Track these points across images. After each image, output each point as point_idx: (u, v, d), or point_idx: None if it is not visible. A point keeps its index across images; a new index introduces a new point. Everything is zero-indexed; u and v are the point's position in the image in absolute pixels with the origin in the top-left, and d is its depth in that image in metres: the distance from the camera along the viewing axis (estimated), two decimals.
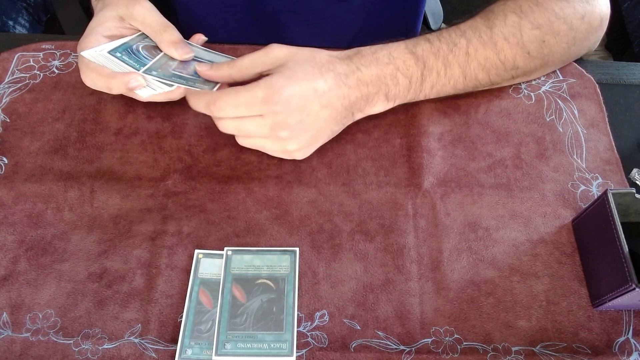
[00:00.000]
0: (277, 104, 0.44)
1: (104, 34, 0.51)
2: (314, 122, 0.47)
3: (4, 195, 0.51)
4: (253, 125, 0.46)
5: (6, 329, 0.44)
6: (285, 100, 0.44)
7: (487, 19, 0.51)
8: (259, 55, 0.48)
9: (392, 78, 0.48)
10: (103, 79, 0.49)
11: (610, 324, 0.44)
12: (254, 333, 0.43)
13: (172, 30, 0.52)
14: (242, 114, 0.46)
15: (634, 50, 1.55)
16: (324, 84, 0.46)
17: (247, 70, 0.48)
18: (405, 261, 0.47)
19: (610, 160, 0.52)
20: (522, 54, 0.51)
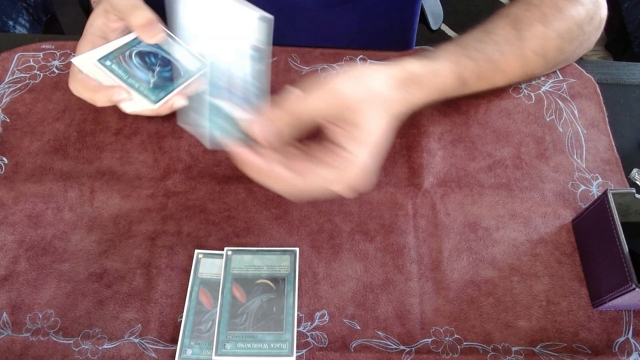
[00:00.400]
0: (358, 186, 0.42)
1: (96, 34, 0.51)
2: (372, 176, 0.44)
3: (4, 195, 0.51)
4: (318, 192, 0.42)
5: (6, 329, 0.44)
6: (363, 179, 0.41)
7: (517, 30, 0.50)
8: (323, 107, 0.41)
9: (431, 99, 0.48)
10: (88, 91, 0.48)
11: (610, 324, 0.44)
12: (254, 333, 0.43)
13: (141, 11, 0.49)
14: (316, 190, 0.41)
15: (634, 50, 1.55)
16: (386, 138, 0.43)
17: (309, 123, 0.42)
18: (405, 261, 0.47)
19: (610, 160, 0.52)
20: (543, 63, 0.53)
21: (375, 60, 0.59)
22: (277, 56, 0.60)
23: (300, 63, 0.59)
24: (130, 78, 0.48)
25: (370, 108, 0.42)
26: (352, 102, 0.41)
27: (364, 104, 0.41)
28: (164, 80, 0.49)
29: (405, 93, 0.45)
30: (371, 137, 0.41)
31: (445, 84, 0.48)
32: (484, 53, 0.49)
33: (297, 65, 0.59)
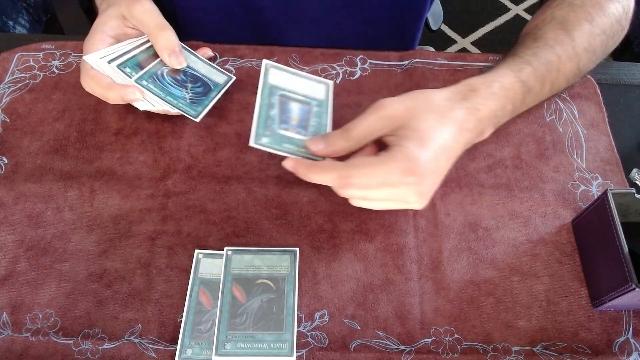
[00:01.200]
0: (414, 174, 0.41)
1: (108, 32, 0.51)
2: (440, 177, 0.44)
3: (4, 195, 0.51)
4: (383, 194, 0.43)
5: (6, 329, 0.44)
6: (421, 171, 0.42)
7: (566, 31, 0.50)
8: (375, 120, 0.43)
9: (502, 109, 0.47)
10: (101, 88, 0.49)
11: (610, 324, 0.44)
12: (254, 333, 0.43)
13: (168, 33, 0.51)
14: (375, 186, 0.42)
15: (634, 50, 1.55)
16: (449, 138, 0.43)
17: (365, 139, 0.44)
18: (405, 261, 0.47)
19: (610, 161, 0.52)
20: (594, 59, 0.52)
21: (376, 60, 0.59)
22: (277, 56, 0.60)
23: (300, 63, 0.59)
24: (168, 96, 0.50)
25: (424, 114, 0.43)
26: (405, 114, 0.43)
27: (417, 111, 0.43)
28: (198, 95, 0.53)
29: (465, 102, 0.44)
30: (425, 134, 0.42)
31: (507, 90, 0.46)
32: (540, 57, 0.49)
33: (297, 65, 0.59)
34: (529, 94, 0.48)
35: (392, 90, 0.57)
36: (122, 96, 0.48)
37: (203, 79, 0.54)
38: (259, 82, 0.48)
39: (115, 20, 0.51)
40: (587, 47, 0.50)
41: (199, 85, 0.53)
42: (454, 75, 0.58)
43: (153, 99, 0.50)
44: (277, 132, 0.46)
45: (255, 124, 0.45)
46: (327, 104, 0.50)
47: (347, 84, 0.58)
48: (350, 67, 0.59)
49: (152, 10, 0.52)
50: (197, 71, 0.54)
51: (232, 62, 0.60)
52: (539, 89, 0.49)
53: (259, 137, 0.45)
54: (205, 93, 0.53)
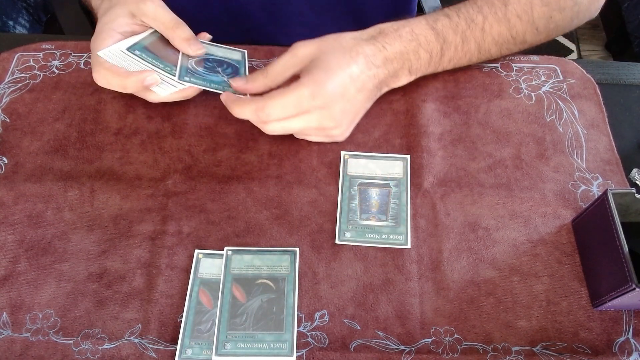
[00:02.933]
0: (322, 97, 0.46)
1: (117, 30, 0.51)
2: (353, 106, 0.49)
3: (4, 195, 0.51)
4: (301, 122, 0.48)
5: (6, 329, 0.44)
6: (329, 93, 0.46)
7: None
8: (288, 58, 0.49)
9: (414, 53, 0.50)
10: (118, 77, 0.49)
11: (610, 324, 0.44)
12: (254, 333, 0.43)
13: (184, 27, 0.53)
14: (290, 114, 0.47)
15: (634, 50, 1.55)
16: (356, 69, 0.48)
17: (280, 75, 0.50)
18: (405, 261, 0.47)
19: (611, 161, 0.52)
20: (532, 30, 0.53)
21: None
22: (277, 56, 0.59)
23: None
24: (212, 84, 0.52)
25: (332, 49, 0.48)
26: (315, 51, 0.48)
27: (326, 48, 0.48)
28: (231, 75, 0.55)
29: (372, 40, 0.50)
30: (331, 63, 0.47)
31: (416, 34, 0.50)
32: (462, 12, 0.51)
33: None
34: (448, 47, 0.51)
35: (392, 90, 0.57)
36: (142, 81, 0.49)
37: (225, 60, 0.56)
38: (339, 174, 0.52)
39: (123, 18, 0.52)
40: (520, 15, 0.51)
41: (226, 67, 0.55)
42: (454, 75, 0.58)
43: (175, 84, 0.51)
44: (359, 223, 0.49)
45: (338, 220, 0.49)
46: (405, 181, 0.51)
47: None
48: None
49: (162, 6, 0.53)
50: (215, 55, 0.56)
51: None
52: (460, 43, 0.51)
53: (342, 233, 0.48)
54: (236, 71, 0.55)
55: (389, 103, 0.56)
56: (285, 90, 0.47)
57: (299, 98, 0.46)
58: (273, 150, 0.53)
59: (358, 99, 0.49)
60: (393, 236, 0.48)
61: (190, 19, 0.69)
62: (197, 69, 0.53)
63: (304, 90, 0.46)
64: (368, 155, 0.53)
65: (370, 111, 0.55)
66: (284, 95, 0.46)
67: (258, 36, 0.69)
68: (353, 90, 0.48)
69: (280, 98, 0.46)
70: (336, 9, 0.66)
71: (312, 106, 0.47)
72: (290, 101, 0.46)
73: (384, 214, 0.49)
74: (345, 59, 0.48)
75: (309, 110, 0.47)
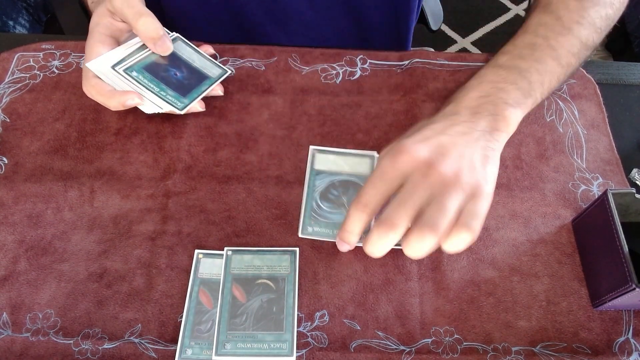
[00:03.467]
0: (408, 154, 0.40)
1: (104, 32, 0.51)
2: (458, 151, 0.41)
3: (4, 195, 0.51)
4: (406, 189, 0.40)
5: (6, 329, 0.44)
6: (414, 149, 0.40)
7: (550, 12, 0.50)
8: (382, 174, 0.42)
9: (496, 90, 0.45)
10: (102, 97, 0.49)
11: (610, 324, 0.44)
12: (254, 333, 0.43)
13: (146, 19, 0.51)
14: (388, 188, 0.40)
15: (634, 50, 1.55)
16: (437, 125, 0.43)
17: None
18: (405, 261, 0.47)
19: (611, 161, 0.52)
20: (595, 30, 0.51)
21: (376, 60, 0.59)
22: (277, 56, 0.60)
23: (300, 63, 0.59)
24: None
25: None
26: None
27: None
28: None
29: (444, 107, 0.46)
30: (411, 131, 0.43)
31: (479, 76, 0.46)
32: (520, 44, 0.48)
33: (297, 65, 0.59)
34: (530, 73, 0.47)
35: (392, 90, 0.57)
36: (123, 102, 0.49)
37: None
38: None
39: (105, 18, 0.51)
40: (579, 20, 0.49)
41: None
42: (454, 75, 0.58)
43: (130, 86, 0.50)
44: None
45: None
46: None
47: (347, 84, 0.58)
48: (350, 67, 0.59)
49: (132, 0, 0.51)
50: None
51: (232, 62, 0.59)
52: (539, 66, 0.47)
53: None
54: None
55: (389, 103, 0.56)
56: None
57: (381, 167, 0.40)
58: (273, 150, 0.53)
59: (461, 143, 0.41)
60: None
61: (189, 19, 0.69)
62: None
63: (383, 158, 0.41)
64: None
65: (370, 111, 0.55)
66: (370, 176, 0.41)
67: (257, 35, 0.69)
68: (447, 139, 0.41)
69: (367, 181, 0.41)
70: (335, 7, 0.66)
71: (404, 167, 0.40)
72: (375, 175, 0.41)
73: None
74: (421, 128, 0.43)
75: (409, 177, 0.40)
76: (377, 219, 0.40)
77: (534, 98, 0.47)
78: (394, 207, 0.39)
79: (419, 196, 0.39)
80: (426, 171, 0.39)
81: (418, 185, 0.39)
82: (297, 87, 0.58)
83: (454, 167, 0.40)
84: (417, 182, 0.39)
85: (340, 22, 0.68)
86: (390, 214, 0.39)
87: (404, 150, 0.40)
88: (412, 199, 0.39)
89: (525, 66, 0.47)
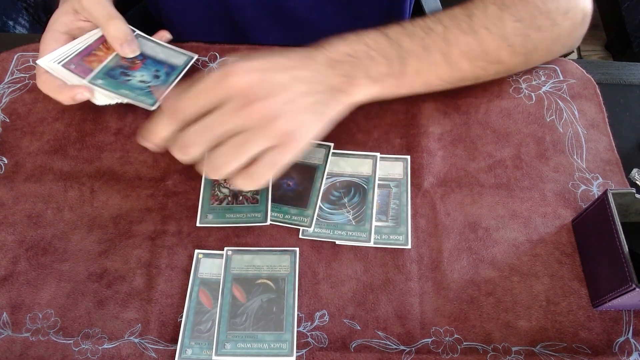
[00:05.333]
0: (235, 79, 0.38)
1: (60, 29, 0.51)
2: (287, 96, 0.39)
3: (4, 195, 0.51)
4: (217, 114, 0.38)
5: (6, 329, 0.44)
6: (244, 76, 0.38)
7: (465, 8, 0.48)
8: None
9: (367, 56, 0.44)
10: (52, 91, 0.50)
11: (610, 324, 0.44)
12: (254, 333, 0.43)
13: (117, 22, 0.51)
14: (204, 104, 0.39)
15: (634, 50, 1.55)
16: (287, 61, 0.41)
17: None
18: (405, 261, 0.47)
19: (611, 161, 0.52)
20: (505, 46, 0.49)
21: None
22: None
23: None
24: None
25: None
26: None
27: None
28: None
29: (313, 47, 0.44)
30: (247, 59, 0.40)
31: (364, 37, 0.45)
32: (419, 23, 0.47)
33: None
34: (408, 54, 0.45)
35: None
36: (72, 97, 0.49)
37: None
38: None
39: (67, 16, 0.51)
40: (489, 27, 0.47)
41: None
42: None
43: (109, 95, 0.50)
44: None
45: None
46: (406, 182, 0.51)
47: None
48: None
49: (100, 1, 0.51)
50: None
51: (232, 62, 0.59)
52: (422, 53, 0.46)
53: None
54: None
55: (389, 103, 0.56)
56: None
57: (206, 82, 0.38)
58: None
59: (297, 89, 0.40)
60: (393, 236, 0.48)
61: (188, 19, 0.69)
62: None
63: (211, 75, 0.38)
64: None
65: (370, 111, 0.55)
66: (193, 86, 0.39)
67: (252, 31, 0.69)
68: (284, 77, 0.40)
69: (189, 91, 0.39)
70: (333, 4, 0.66)
71: (226, 91, 0.38)
72: (199, 88, 0.39)
73: (384, 214, 0.49)
74: (273, 55, 0.41)
75: (226, 99, 0.38)
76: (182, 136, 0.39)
77: (399, 82, 0.46)
78: (195, 130, 0.38)
79: (224, 129, 0.38)
80: (244, 105, 0.38)
81: (228, 117, 0.38)
82: None
83: (274, 110, 0.38)
84: (229, 112, 0.38)
85: (334, 19, 0.68)
86: (188, 137, 0.39)
87: (235, 73, 0.38)
88: (215, 129, 0.38)
89: (408, 47, 0.46)
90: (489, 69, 0.50)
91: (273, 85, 0.39)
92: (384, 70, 0.45)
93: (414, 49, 0.46)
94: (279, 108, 0.38)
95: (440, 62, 0.47)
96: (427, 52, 0.46)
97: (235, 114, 0.38)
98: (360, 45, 0.44)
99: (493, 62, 0.50)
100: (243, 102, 0.38)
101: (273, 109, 0.38)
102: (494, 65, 0.50)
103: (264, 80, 0.39)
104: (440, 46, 0.47)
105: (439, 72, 0.48)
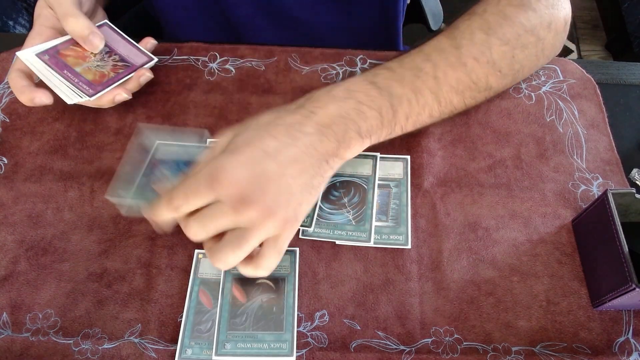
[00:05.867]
0: (225, 181, 0.37)
1: (44, 24, 0.51)
2: (281, 185, 0.39)
3: (4, 195, 0.51)
4: (214, 211, 0.38)
5: (6, 329, 0.44)
6: (233, 176, 0.38)
7: (452, 39, 0.48)
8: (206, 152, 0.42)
9: (357, 113, 0.43)
10: (15, 90, 0.50)
11: (610, 324, 0.44)
12: (254, 333, 0.43)
13: (73, 20, 0.50)
14: (196, 205, 0.39)
15: (634, 50, 1.56)
16: (274, 142, 0.40)
17: None
18: (405, 261, 0.47)
19: (611, 161, 0.52)
20: (494, 72, 0.49)
21: (376, 60, 0.59)
22: (277, 56, 0.60)
23: (300, 63, 0.59)
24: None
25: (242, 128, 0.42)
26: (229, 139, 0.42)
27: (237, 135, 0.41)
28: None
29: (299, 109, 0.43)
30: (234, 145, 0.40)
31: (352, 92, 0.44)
32: (405, 62, 0.46)
33: (297, 65, 0.59)
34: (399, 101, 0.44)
35: None
36: (31, 99, 0.49)
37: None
38: None
39: (45, 9, 0.52)
40: (477, 57, 0.47)
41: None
42: None
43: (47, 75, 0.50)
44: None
45: None
46: (405, 182, 0.51)
47: None
48: (350, 67, 0.59)
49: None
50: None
51: (232, 62, 0.59)
52: (413, 97, 0.45)
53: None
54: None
55: None
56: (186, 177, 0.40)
57: (195, 184, 0.38)
58: None
59: (288, 173, 0.39)
60: (393, 236, 0.48)
61: (182, 16, 0.69)
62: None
63: (199, 174, 0.38)
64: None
65: None
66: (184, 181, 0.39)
67: (246, 29, 0.69)
68: (274, 166, 0.39)
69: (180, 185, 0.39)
70: (327, 2, 0.66)
71: (218, 194, 0.38)
72: (189, 187, 0.38)
73: (384, 214, 0.49)
74: (259, 134, 0.40)
75: (220, 200, 0.38)
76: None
77: (391, 129, 0.46)
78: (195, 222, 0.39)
79: (223, 226, 0.38)
80: (238, 207, 0.37)
81: (226, 216, 0.38)
82: (297, 87, 0.58)
83: (271, 207, 0.38)
84: (225, 213, 0.38)
85: (329, 17, 0.68)
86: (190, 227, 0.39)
87: (221, 177, 0.37)
88: (213, 225, 0.38)
89: (399, 92, 0.45)
90: (479, 97, 0.50)
91: (264, 180, 0.38)
92: (375, 123, 0.44)
93: (404, 93, 0.45)
94: (274, 202, 0.38)
95: (431, 102, 0.47)
96: (417, 94, 0.46)
97: (231, 216, 0.38)
98: (350, 102, 0.43)
99: (482, 90, 0.49)
100: (237, 204, 0.37)
101: (269, 206, 0.38)
102: (483, 92, 0.50)
103: (253, 176, 0.38)
104: (430, 85, 0.46)
105: (431, 112, 0.47)
